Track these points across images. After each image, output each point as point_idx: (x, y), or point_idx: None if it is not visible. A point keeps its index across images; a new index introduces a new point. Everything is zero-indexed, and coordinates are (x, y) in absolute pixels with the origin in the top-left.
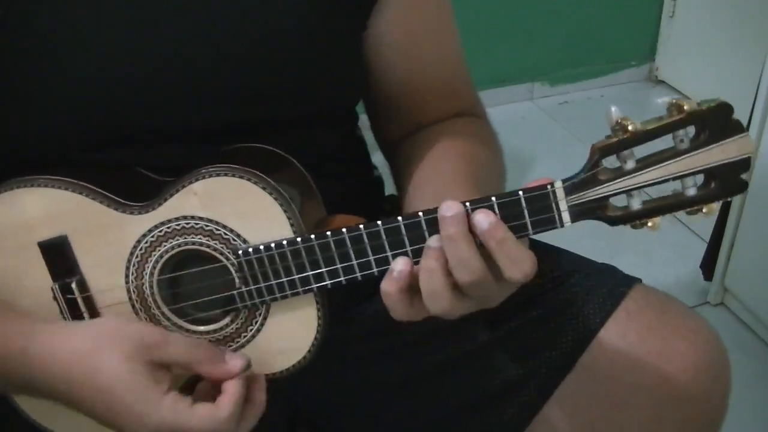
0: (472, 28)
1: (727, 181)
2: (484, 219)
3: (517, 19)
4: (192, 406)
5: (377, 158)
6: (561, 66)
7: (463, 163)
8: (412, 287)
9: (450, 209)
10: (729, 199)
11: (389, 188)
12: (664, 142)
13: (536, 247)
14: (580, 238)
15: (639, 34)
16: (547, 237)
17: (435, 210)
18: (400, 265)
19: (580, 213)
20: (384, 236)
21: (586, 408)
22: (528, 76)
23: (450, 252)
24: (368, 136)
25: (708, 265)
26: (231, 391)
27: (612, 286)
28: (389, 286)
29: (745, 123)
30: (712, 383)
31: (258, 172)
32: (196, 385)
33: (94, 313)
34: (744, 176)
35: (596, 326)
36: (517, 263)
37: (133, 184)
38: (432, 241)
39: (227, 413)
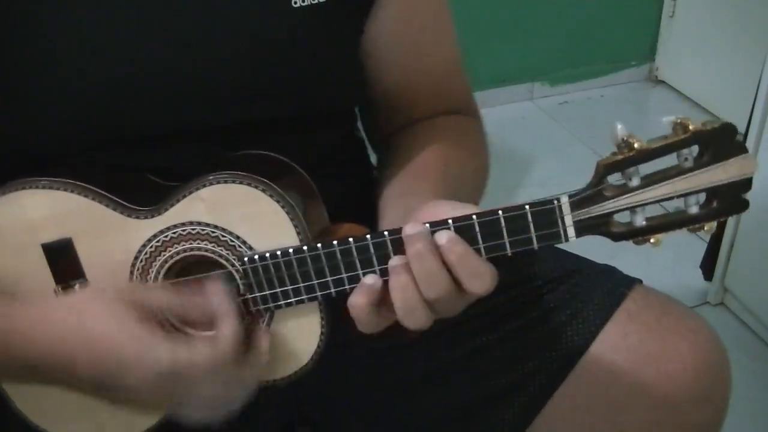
0: (472, 28)
1: (729, 200)
2: (443, 235)
3: (517, 19)
4: (189, 340)
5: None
6: (561, 66)
7: (436, 161)
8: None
9: (413, 228)
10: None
11: None
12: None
13: None
14: (579, 239)
15: (639, 34)
16: None
17: (442, 221)
18: (371, 279)
19: (584, 228)
20: (390, 246)
21: (586, 409)
22: (528, 76)
23: (416, 268)
24: None
25: (708, 265)
26: (225, 321)
27: (612, 286)
28: (360, 299)
29: (745, 123)
30: (713, 383)
31: (265, 180)
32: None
33: None
34: (745, 196)
35: (596, 327)
36: (479, 276)
37: (138, 189)
38: (395, 260)
39: (226, 341)
